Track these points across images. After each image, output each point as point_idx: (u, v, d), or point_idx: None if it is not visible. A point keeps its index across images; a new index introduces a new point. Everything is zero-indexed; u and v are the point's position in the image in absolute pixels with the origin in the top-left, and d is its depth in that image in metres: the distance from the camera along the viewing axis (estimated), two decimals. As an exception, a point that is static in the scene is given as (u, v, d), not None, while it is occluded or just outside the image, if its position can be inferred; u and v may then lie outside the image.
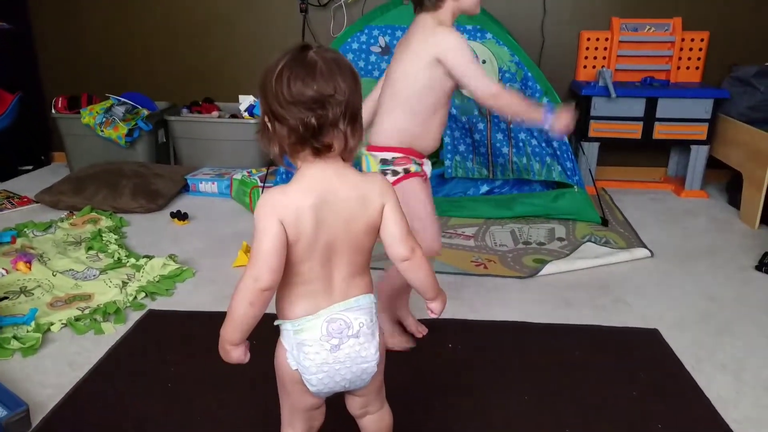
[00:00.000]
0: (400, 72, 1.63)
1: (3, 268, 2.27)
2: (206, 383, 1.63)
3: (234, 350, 1.04)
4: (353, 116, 0.98)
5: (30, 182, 3.44)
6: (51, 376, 1.68)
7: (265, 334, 1.16)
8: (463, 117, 2.78)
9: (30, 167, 3.76)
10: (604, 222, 2.78)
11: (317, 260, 1.02)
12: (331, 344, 1.03)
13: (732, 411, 1.55)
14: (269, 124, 0.98)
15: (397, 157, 1.64)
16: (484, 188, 2.95)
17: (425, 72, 1.58)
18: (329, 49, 1.00)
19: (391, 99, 1.64)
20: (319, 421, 1.18)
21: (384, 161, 1.64)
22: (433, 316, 1.17)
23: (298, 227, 0.98)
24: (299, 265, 1.02)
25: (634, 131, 3.12)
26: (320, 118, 0.94)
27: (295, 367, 1.06)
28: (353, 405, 1.19)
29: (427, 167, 1.71)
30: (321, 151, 0.97)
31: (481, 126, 2.78)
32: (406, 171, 1.64)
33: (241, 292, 0.98)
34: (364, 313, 1.06)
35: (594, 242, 2.56)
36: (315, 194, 0.98)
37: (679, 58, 3.24)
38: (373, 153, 1.65)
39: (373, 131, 1.68)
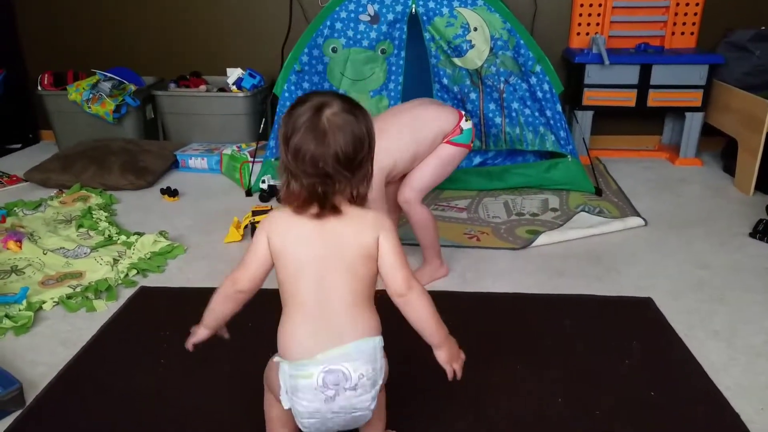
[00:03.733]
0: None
1: (-7, 248, 2.25)
2: (199, 359, 1.62)
3: (201, 330, 1.17)
4: (363, 176, 1.04)
5: (19, 161, 3.40)
6: (44, 354, 1.67)
7: (257, 307, 1.17)
8: (455, 87, 2.74)
9: (18, 146, 3.72)
10: (598, 191, 2.77)
11: (309, 281, 1.03)
12: (326, 395, 1.03)
13: (724, 377, 1.55)
14: (285, 168, 1.03)
15: None
16: (477, 160, 2.93)
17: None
18: (350, 109, 1.01)
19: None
20: None
21: None
22: (449, 374, 1.14)
23: (282, 239, 1.04)
24: (290, 285, 1.04)
25: (628, 99, 3.09)
26: (326, 187, 1.00)
27: (288, 407, 1.07)
28: None
29: None
30: (322, 213, 1.03)
31: (473, 96, 2.75)
32: None
33: (222, 288, 1.11)
34: (366, 362, 1.04)
35: (587, 212, 2.55)
36: (312, 210, 1.03)
37: (674, 24, 3.19)
38: None
39: None
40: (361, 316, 1.05)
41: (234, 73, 3.33)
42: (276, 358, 1.08)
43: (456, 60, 2.70)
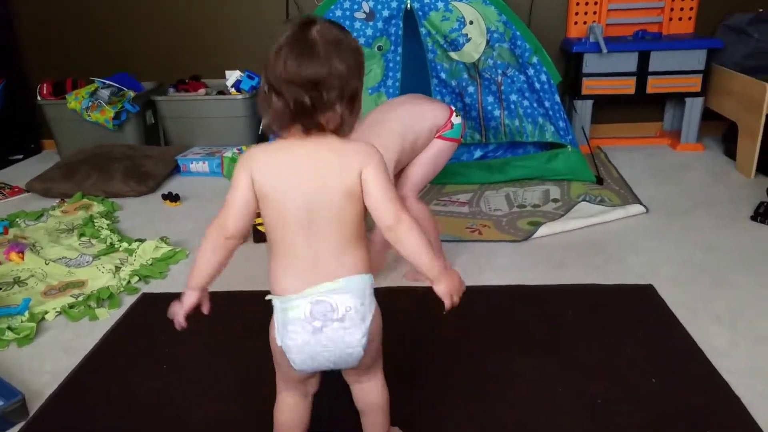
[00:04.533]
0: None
1: (-4, 259, 2.27)
2: (202, 362, 1.63)
3: (189, 294, 1.09)
4: (351, 97, 0.99)
5: (21, 171, 3.41)
6: (47, 364, 1.68)
7: (258, 310, 1.16)
8: (453, 81, 2.73)
9: (20, 156, 3.73)
10: (599, 180, 2.75)
11: (296, 227, 1.00)
12: (314, 326, 1.01)
13: (726, 361, 1.54)
14: (267, 94, 0.99)
15: None
16: (478, 153, 2.91)
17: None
18: (334, 27, 0.98)
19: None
20: (313, 387, 1.19)
21: None
22: (447, 305, 1.08)
23: (266, 180, 1.00)
24: (276, 229, 1.02)
25: (628, 86, 3.06)
26: (314, 99, 0.95)
27: (280, 343, 1.05)
28: (345, 373, 1.18)
29: None
30: (311, 130, 0.98)
31: (471, 89, 2.73)
32: None
33: (207, 238, 1.05)
34: (354, 296, 1.02)
35: (589, 201, 2.53)
36: (289, 152, 0.99)
37: (671, 9, 3.16)
38: None
39: None
40: (350, 256, 1.03)
41: (233, 76, 3.33)
42: (268, 297, 1.06)
43: (453, 54, 2.69)
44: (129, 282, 2.08)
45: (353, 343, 1.03)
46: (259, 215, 1.04)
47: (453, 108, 1.91)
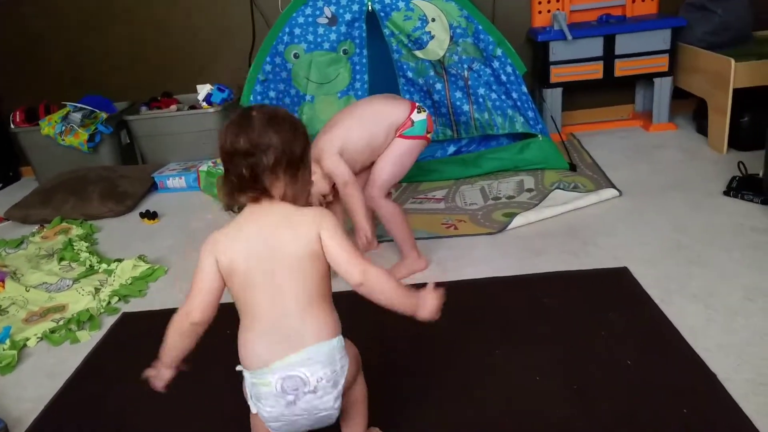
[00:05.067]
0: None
1: (-23, 290, 2.27)
2: (184, 379, 1.62)
3: (163, 372, 1.13)
4: (292, 165, 1.05)
5: (0, 200, 3.41)
6: (30, 390, 1.69)
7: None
8: (420, 79, 2.74)
9: (0, 185, 3.73)
10: (572, 167, 2.77)
11: (259, 288, 1.03)
12: (287, 400, 1.03)
13: (703, 340, 1.56)
14: (222, 176, 1.08)
15: None
16: (452, 149, 2.93)
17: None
18: (273, 107, 1.09)
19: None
20: None
21: None
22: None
23: (229, 259, 1.04)
24: (241, 296, 1.05)
25: (595, 71, 3.09)
26: (252, 167, 1.02)
27: (255, 411, 1.08)
28: None
29: None
30: (257, 197, 1.05)
31: (438, 86, 2.75)
32: None
33: (175, 323, 1.08)
34: (324, 365, 1.03)
35: (562, 188, 2.55)
36: (247, 225, 1.05)
37: (633, -9, 3.19)
38: None
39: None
40: (316, 319, 1.05)
41: (203, 90, 3.33)
42: (238, 368, 1.09)
43: (418, 53, 2.70)
44: (109, 303, 2.08)
45: (327, 407, 1.06)
46: None
47: (417, 104, 1.92)
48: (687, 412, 1.33)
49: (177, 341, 1.09)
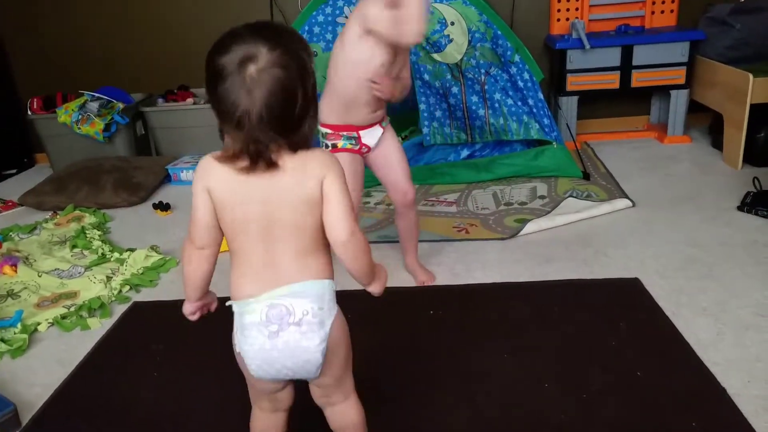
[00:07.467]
0: (335, 50, 1.71)
1: (-10, 274, 2.29)
2: (193, 370, 1.65)
3: (187, 305, 1.11)
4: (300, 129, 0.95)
5: (15, 185, 3.44)
6: (40, 375, 1.70)
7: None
8: (437, 82, 2.75)
9: (14, 171, 3.76)
10: (586, 176, 2.77)
11: (254, 236, 0.99)
12: (270, 330, 0.99)
13: (712, 353, 1.55)
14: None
15: (327, 133, 1.74)
16: (465, 153, 2.94)
17: (354, 46, 1.63)
18: (273, 57, 0.91)
19: (328, 76, 1.73)
20: (284, 402, 1.17)
21: (322, 135, 1.76)
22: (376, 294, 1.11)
23: (222, 191, 0.98)
24: (235, 239, 1.01)
25: (612, 81, 3.08)
26: (258, 146, 0.93)
27: (238, 350, 1.04)
28: (314, 392, 1.15)
29: (369, 138, 1.77)
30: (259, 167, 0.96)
31: (455, 90, 2.76)
32: (333, 146, 1.74)
33: (184, 252, 1.06)
34: (312, 300, 1.00)
35: (575, 197, 2.55)
36: (243, 163, 0.94)
37: (653, 2, 3.18)
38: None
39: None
40: (309, 264, 1.01)
41: (219, 84, 3.35)
42: (228, 302, 1.05)
43: (435, 55, 2.71)
44: (120, 291, 2.10)
45: (311, 348, 1.01)
46: None
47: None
48: (696, 426, 1.32)
49: (190, 272, 1.07)
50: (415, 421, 1.40)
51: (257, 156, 0.93)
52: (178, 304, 1.13)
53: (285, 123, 0.92)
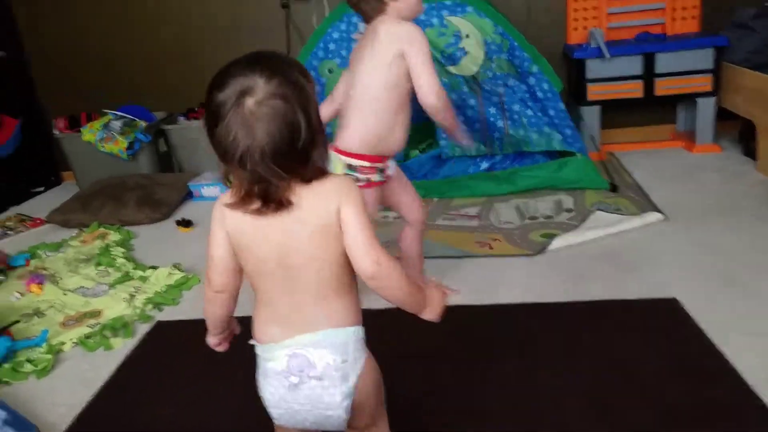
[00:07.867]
0: (363, 74, 1.62)
1: (17, 292, 2.32)
2: (216, 389, 1.64)
3: (211, 338, 1.12)
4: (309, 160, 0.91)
5: (42, 203, 3.49)
6: (64, 395, 1.71)
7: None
8: (453, 95, 2.73)
9: (41, 189, 3.83)
10: (613, 187, 2.69)
11: (275, 278, 0.95)
12: (290, 382, 0.95)
13: (765, 384, 1.42)
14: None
15: (364, 166, 1.65)
16: (485, 165, 2.89)
17: (389, 69, 1.57)
18: (271, 89, 0.87)
19: (355, 103, 1.64)
20: None
21: (350, 167, 1.65)
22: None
23: (240, 232, 0.96)
24: (257, 281, 0.99)
25: (635, 90, 3.02)
26: (265, 184, 0.90)
27: (261, 394, 1.02)
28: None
29: (391, 167, 1.73)
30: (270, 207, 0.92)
31: (472, 102, 2.73)
32: (368, 180, 1.66)
33: (205, 293, 1.05)
34: (334, 351, 0.95)
35: (604, 210, 2.47)
36: (254, 205, 0.91)
37: (674, 9, 3.12)
38: (340, 156, 1.65)
39: (340, 134, 1.67)
40: (333, 306, 0.96)
41: (239, 101, 3.37)
42: (250, 341, 1.03)
43: (451, 68, 2.69)
44: (143, 310, 2.10)
45: (333, 404, 0.96)
46: None
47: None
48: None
49: (209, 312, 1.06)
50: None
51: (266, 196, 0.90)
52: (200, 322, 1.12)
53: (290, 157, 0.87)
